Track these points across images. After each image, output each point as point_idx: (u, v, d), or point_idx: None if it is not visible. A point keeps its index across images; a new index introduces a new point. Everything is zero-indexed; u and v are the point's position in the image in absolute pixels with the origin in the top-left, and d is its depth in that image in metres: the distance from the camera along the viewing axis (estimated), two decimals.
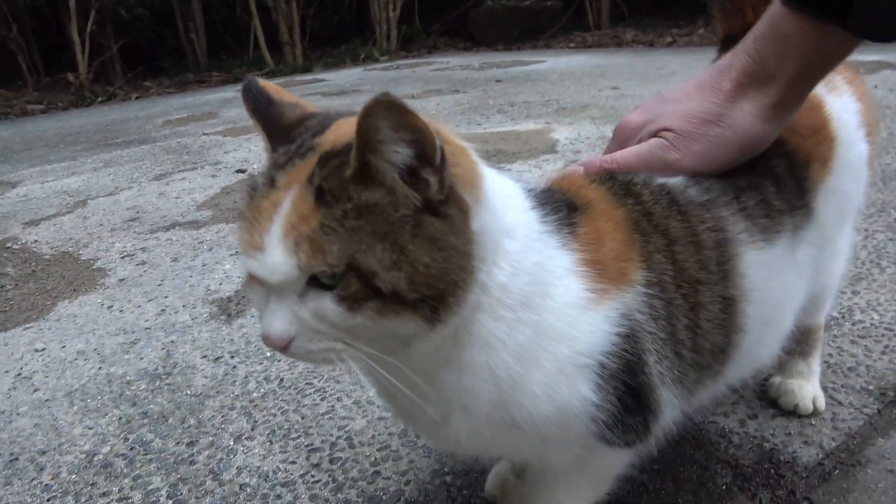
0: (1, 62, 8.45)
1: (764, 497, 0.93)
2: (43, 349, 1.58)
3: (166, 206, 2.64)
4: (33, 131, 5.09)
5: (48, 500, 1.07)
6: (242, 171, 3.03)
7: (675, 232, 0.72)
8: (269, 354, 1.43)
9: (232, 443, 1.16)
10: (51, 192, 3.08)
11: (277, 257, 0.55)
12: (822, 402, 1.08)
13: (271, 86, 0.68)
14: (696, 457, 1.02)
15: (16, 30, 7.80)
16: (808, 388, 1.08)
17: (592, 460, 0.74)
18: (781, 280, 0.81)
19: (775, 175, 0.81)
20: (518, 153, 2.79)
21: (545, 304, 0.64)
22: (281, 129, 0.65)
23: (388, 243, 0.55)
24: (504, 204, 0.64)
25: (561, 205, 0.70)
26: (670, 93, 0.83)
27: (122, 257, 2.16)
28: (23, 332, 1.69)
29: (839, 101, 0.89)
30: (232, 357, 1.45)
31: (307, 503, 1.00)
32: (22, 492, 1.10)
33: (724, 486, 0.96)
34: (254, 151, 3.37)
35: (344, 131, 0.59)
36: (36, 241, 2.38)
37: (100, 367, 1.47)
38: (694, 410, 0.85)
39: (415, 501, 0.98)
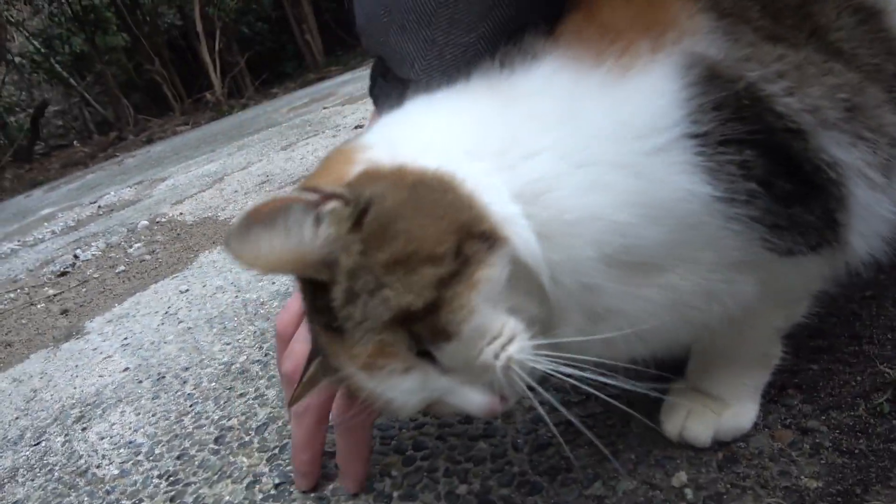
0: (151, 94, 9.34)
1: None
2: (187, 290, 1.62)
3: (293, 167, 2.69)
4: (180, 142, 5.52)
5: (191, 406, 1.06)
6: (360, 127, 3.02)
7: None
8: None
9: None
10: (193, 177, 3.26)
11: (401, 388, 0.50)
12: None
13: None
14: None
15: (157, 63, 8.56)
16: None
17: (775, 279, 0.55)
18: None
19: None
20: None
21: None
22: None
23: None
24: None
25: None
26: None
27: None
28: (170, 281, 1.75)
29: None
30: None
31: None
32: (168, 402, 1.10)
33: None
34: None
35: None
36: (181, 213, 2.51)
37: (236, 296, 1.47)
38: None
39: None
